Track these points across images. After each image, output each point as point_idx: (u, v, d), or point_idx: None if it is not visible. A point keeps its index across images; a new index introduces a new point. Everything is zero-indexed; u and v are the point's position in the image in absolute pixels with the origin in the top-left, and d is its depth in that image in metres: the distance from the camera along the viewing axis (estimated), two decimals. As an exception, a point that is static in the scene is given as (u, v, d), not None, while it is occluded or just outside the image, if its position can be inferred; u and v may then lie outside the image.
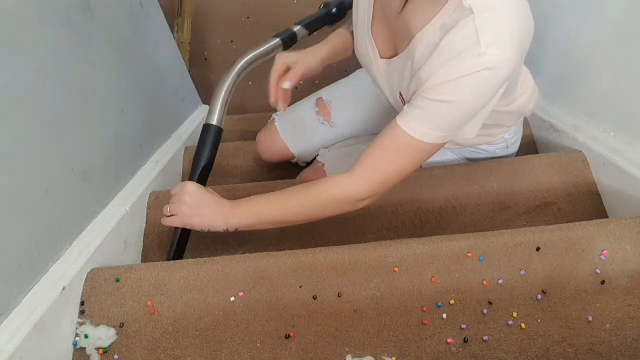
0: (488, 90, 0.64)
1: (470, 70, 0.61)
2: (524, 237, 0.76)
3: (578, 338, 0.69)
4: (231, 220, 0.77)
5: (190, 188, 0.79)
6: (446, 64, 0.63)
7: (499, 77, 0.62)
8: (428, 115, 0.66)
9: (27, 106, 0.68)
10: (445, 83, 0.63)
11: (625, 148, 0.92)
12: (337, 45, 0.95)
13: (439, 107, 0.65)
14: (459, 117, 0.66)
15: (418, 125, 0.67)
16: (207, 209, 0.78)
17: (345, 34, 0.99)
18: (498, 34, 0.61)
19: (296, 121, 1.17)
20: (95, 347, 0.71)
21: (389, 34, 0.78)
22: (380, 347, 0.70)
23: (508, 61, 0.61)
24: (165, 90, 1.27)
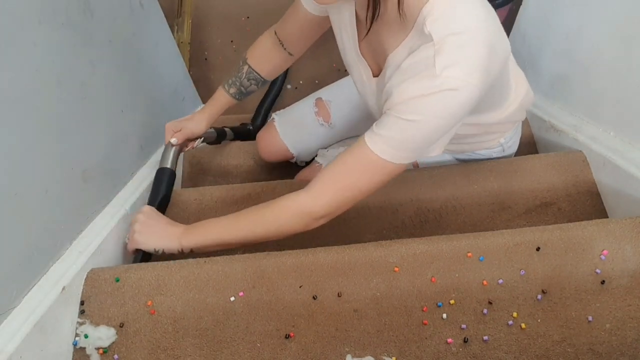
0: (450, 112, 0.62)
1: (428, 91, 0.60)
2: (524, 237, 0.76)
3: (578, 338, 0.69)
4: (184, 240, 0.78)
5: (145, 209, 0.84)
6: (404, 82, 0.63)
7: (460, 100, 0.61)
8: (393, 135, 0.65)
9: (27, 106, 0.68)
10: (406, 101, 0.63)
11: (625, 148, 0.92)
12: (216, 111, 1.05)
13: (403, 126, 0.64)
14: (423, 137, 0.65)
15: (381, 143, 0.66)
16: (160, 228, 0.81)
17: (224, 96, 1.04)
18: (457, 58, 0.60)
19: (296, 121, 1.17)
20: (95, 347, 0.71)
21: (372, 53, 0.78)
22: (380, 347, 0.70)
23: (468, 85, 0.60)
24: (165, 90, 1.27)
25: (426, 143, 0.66)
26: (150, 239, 0.80)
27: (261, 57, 0.98)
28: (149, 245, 0.80)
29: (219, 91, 1.03)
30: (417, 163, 1.07)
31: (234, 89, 1.02)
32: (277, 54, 0.97)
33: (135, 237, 0.80)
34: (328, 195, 0.71)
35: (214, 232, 0.77)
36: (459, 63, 0.60)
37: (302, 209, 0.72)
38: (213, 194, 1.03)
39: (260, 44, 0.98)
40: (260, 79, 1.00)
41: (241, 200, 1.01)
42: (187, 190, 1.07)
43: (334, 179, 0.70)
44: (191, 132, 1.02)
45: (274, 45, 0.96)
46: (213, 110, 1.04)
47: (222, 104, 1.04)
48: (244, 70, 1.00)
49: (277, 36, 0.95)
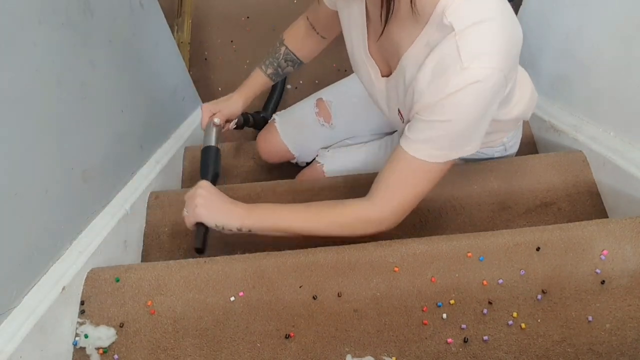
0: (481, 104, 0.63)
1: (458, 87, 0.61)
2: (524, 237, 0.76)
3: (578, 338, 0.69)
4: (247, 221, 0.76)
5: (204, 184, 0.81)
6: (433, 83, 0.63)
7: (489, 89, 0.62)
8: (429, 137, 0.66)
9: (27, 106, 0.68)
10: (437, 103, 0.63)
11: (625, 148, 0.92)
12: (253, 92, 1.05)
13: (437, 128, 0.65)
14: (459, 134, 0.66)
15: (422, 148, 0.67)
16: (223, 205, 0.78)
17: (261, 77, 1.04)
18: (480, 47, 0.60)
19: (296, 122, 1.17)
20: (95, 347, 0.71)
21: (383, 53, 0.78)
22: (380, 347, 0.70)
23: (494, 71, 0.60)
24: (165, 90, 1.27)
25: (467, 137, 0.67)
26: (213, 213, 0.77)
27: (297, 39, 1.01)
28: (212, 219, 0.77)
29: (255, 72, 1.04)
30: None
31: (271, 70, 1.03)
32: (311, 37, 1.00)
33: (198, 210, 0.76)
34: (389, 205, 0.72)
35: (278, 218, 0.76)
36: (484, 52, 0.60)
37: (369, 217, 0.73)
38: (213, 194, 1.03)
39: (295, 28, 1.01)
40: (297, 60, 1.03)
41: (241, 200, 1.00)
42: (188, 190, 1.06)
43: (392, 190, 0.72)
44: (230, 112, 1.02)
45: (307, 30, 0.99)
46: (250, 91, 1.04)
47: (260, 84, 1.04)
48: (281, 51, 1.01)
49: (309, 21, 0.98)
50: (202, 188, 0.80)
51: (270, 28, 1.93)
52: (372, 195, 0.73)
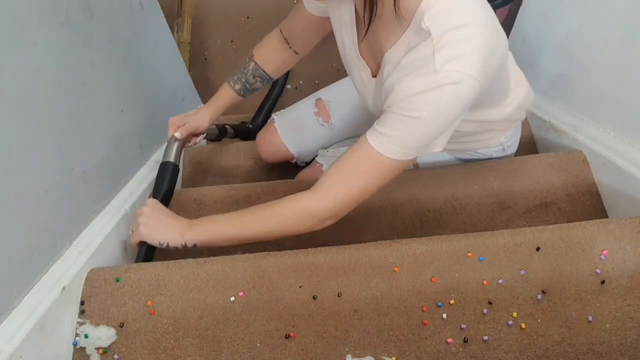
0: (452, 106, 0.63)
1: (430, 86, 0.61)
2: (524, 237, 0.76)
3: (578, 338, 0.69)
4: (187, 235, 0.77)
5: (150, 202, 0.83)
6: (404, 80, 0.64)
7: (461, 93, 0.61)
8: (395, 132, 0.66)
9: (27, 106, 0.68)
10: (407, 98, 0.63)
11: (625, 148, 0.92)
12: (220, 107, 1.04)
13: (405, 123, 0.65)
14: (426, 132, 0.65)
15: (386, 141, 0.66)
16: (164, 222, 0.79)
17: (229, 92, 1.03)
18: (455, 53, 0.60)
19: (296, 122, 1.17)
20: (95, 347, 0.71)
21: (372, 53, 0.78)
22: (380, 347, 0.70)
23: (467, 77, 0.60)
24: (165, 90, 1.27)
25: (429, 138, 0.66)
26: (155, 232, 0.78)
27: (267, 55, 1.00)
28: (154, 238, 0.78)
29: (223, 87, 1.04)
30: (417, 163, 1.07)
31: (239, 85, 1.02)
32: (283, 52, 0.98)
33: (140, 229, 0.78)
34: (333, 197, 0.71)
35: (219, 229, 0.77)
36: (458, 57, 0.60)
37: (308, 210, 0.72)
38: (213, 194, 1.03)
39: (267, 42, 1.00)
40: (265, 76, 1.01)
41: (241, 200, 1.01)
42: (187, 190, 1.07)
43: (339, 180, 0.70)
44: (195, 127, 1.01)
45: (280, 44, 0.98)
46: (217, 105, 1.04)
47: (227, 99, 1.04)
48: (250, 67, 1.01)
49: (282, 34, 0.96)
50: (147, 206, 0.81)
51: (270, 28, 1.93)
52: (316, 185, 0.72)
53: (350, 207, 0.72)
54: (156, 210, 0.81)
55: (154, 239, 0.78)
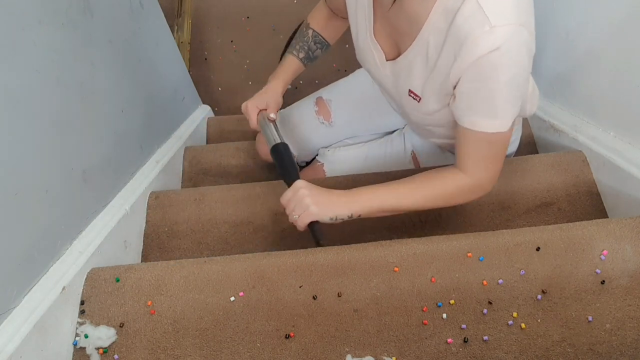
0: (519, 60, 0.64)
1: (489, 48, 0.61)
2: (524, 237, 0.76)
3: (578, 338, 0.69)
4: (354, 207, 0.77)
5: (302, 184, 0.79)
6: (463, 49, 0.63)
7: (522, 44, 0.62)
8: (479, 106, 0.67)
9: (27, 106, 0.68)
10: (472, 68, 0.63)
11: (625, 148, 0.92)
12: (289, 77, 1.03)
13: (483, 94, 0.66)
14: (507, 94, 0.66)
15: (478, 120, 0.69)
16: (330, 199, 0.78)
17: (295, 61, 1.03)
18: (503, 3, 0.60)
19: (296, 120, 1.17)
20: (96, 347, 0.71)
21: (391, 33, 0.78)
22: (380, 347, 0.70)
23: (522, 26, 0.61)
24: (165, 90, 1.27)
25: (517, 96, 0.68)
26: (325, 208, 0.77)
27: (322, 22, 1.02)
28: (327, 214, 0.77)
29: (289, 58, 1.03)
30: (418, 163, 1.07)
31: (302, 54, 1.03)
32: (334, 19, 1.02)
33: (312, 209, 0.76)
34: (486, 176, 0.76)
35: (382, 200, 0.77)
36: (507, 9, 0.60)
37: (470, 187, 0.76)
38: (213, 194, 1.03)
39: (317, 12, 1.03)
40: (325, 42, 1.03)
41: (241, 200, 1.01)
42: (187, 190, 1.07)
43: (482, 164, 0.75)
44: (277, 103, 1.00)
45: (329, 13, 1.01)
46: (286, 76, 1.03)
47: (294, 69, 1.04)
48: (309, 34, 1.02)
49: (327, 6, 1.00)
50: (304, 188, 0.78)
51: (270, 28, 1.93)
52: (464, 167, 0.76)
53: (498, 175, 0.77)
54: (314, 188, 0.79)
55: (327, 215, 0.77)
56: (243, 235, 0.97)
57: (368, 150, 1.12)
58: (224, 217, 0.99)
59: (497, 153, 0.74)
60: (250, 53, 1.91)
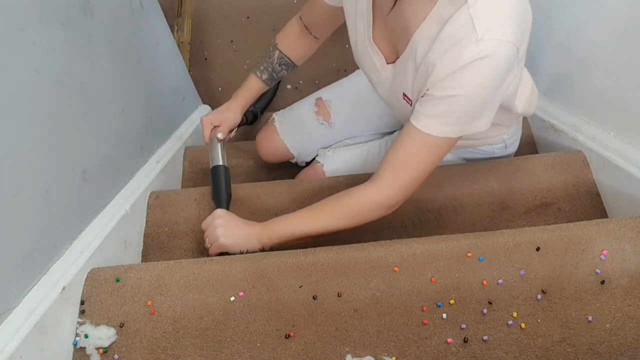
0: (494, 78, 0.63)
1: (471, 59, 0.61)
2: (524, 237, 0.76)
3: (578, 338, 0.69)
4: (264, 239, 0.80)
5: (219, 213, 0.83)
6: (446, 55, 0.63)
7: (503, 63, 0.62)
8: (440, 111, 0.67)
9: (27, 106, 0.68)
10: (450, 75, 0.63)
11: (625, 148, 0.92)
12: (250, 98, 1.05)
13: (449, 101, 0.65)
14: (471, 108, 0.66)
15: (433, 123, 0.68)
16: (239, 230, 0.81)
17: (257, 82, 1.04)
18: (494, 19, 0.61)
19: (295, 121, 1.17)
20: (96, 347, 0.71)
21: (390, 37, 0.78)
22: (380, 347, 0.70)
23: (508, 44, 0.61)
24: (165, 90, 1.27)
25: (479, 112, 0.67)
26: (234, 242, 0.80)
27: (290, 42, 1.02)
28: (236, 248, 0.80)
29: (251, 78, 1.04)
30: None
31: (266, 75, 1.03)
32: (304, 39, 1.01)
33: (222, 241, 0.80)
34: (397, 185, 0.73)
35: (294, 229, 0.79)
36: (497, 24, 0.60)
37: (376, 202, 0.75)
38: (213, 194, 1.03)
39: (288, 30, 1.02)
40: (290, 63, 1.03)
41: (241, 200, 1.01)
42: (187, 190, 1.07)
43: (398, 170, 0.73)
44: (232, 124, 1.03)
45: (301, 31, 1.00)
46: (248, 97, 1.05)
47: (255, 90, 1.05)
48: (274, 55, 1.02)
49: (302, 22, 0.99)
50: (220, 218, 0.82)
51: (270, 28, 1.93)
52: (377, 177, 0.75)
53: (413, 191, 0.75)
54: (230, 220, 0.82)
55: (235, 249, 0.80)
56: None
57: (368, 150, 1.12)
58: (224, 217, 0.98)
59: (423, 162, 0.72)
60: (250, 53, 1.91)
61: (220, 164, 0.96)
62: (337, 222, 0.77)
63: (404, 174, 0.73)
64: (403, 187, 0.73)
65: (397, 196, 0.74)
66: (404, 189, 0.74)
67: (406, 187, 0.73)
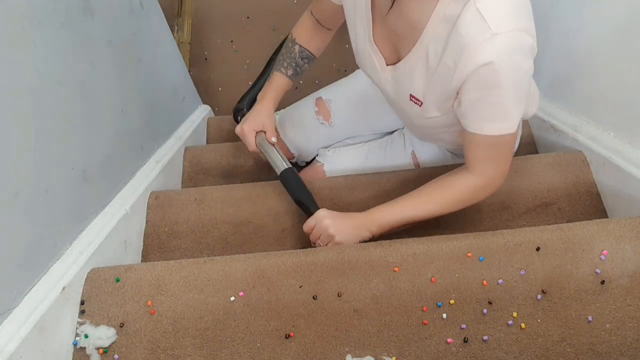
0: (523, 64, 0.64)
1: (491, 54, 0.61)
2: (524, 237, 0.76)
3: (578, 338, 0.69)
4: (373, 228, 0.81)
5: (323, 214, 0.83)
6: (464, 56, 0.63)
7: (527, 49, 0.63)
8: (487, 113, 0.69)
9: (27, 106, 0.68)
10: (473, 75, 0.64)
11: (625, 148, 0.92)
12: (279, 97, 1.03)
13: (490, 102, 0.67)
14: (513, 98, 0.67)
15: (484, 125, 0.70)
16: (350, 225, 0.82)
17: (283, 79, 1.02)
18: (503, 10, 0.61)
19: (296, 121, 1.17)
20: (96, 347, 0.71)
21: (391, 38, 0.77)
22: (380, 347, 0.70)
23: (523, 30, 0.61)
24: (165, 90, 1.27)
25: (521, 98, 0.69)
26: (349, 236, 0.81)
27: (307, 36, 1.02)
28: (351, 241, 0.81)
29: (276, 76, 1.03)
30: (417, 163, 1.07)
31: (291, 71, 1.03)
32: (319, 31, 1.02)
33: (338, 240, 0.80)
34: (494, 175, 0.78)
35: (401, 215, 0.81)
36: (508, 14, 0.61)
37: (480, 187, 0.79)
38: (213, 194, 1.03)
39: (302, 24, 1.02)
40: (311, 56, 1.04)
41: (241, 200, 1.01)
42: (187, 190, 1.07)
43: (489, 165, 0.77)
44: (273, 124, 1.01)
45: (313, 24, 1.01)
46: (277, 96, 1.03)
47: (283, 87, 1.04)
48: (296, 50, 1.02)
49: (313, 16, 0.99)
50: (327, 218, 0.82)
51: (270, 28, 1.93)
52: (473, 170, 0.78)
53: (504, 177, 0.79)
54: (336, 217, 0.83)
55: (351, 242, 0.81)
56: (243, 235, 0.97)
57: (368, 150, 1.12)
58: (224, 217, 0.98)
59: (506, 152, 0.76)
60: (250, 53, 1.91)
61: (287, 166, 0.93)
62: (441, 207, 0.81)
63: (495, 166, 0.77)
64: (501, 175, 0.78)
65: (498, 181, 0.79)
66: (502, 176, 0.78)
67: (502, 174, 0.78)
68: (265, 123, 0.97)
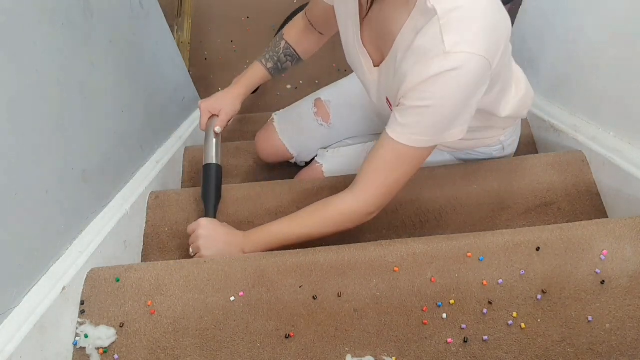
0: (464, 90, 0.63)
1: (438, 71, 0.61)
2: (524, 237, 0.76)
3: (578, 338, 0.69)
4: (247, 248, 0.82)
5: (203, 223, 0.84)
6: (415, 67, 0.64)
7: (471, 76, 0.62)
8: (410, 121, 0.67)
9: (27, 106, 0.68)
10: (418, 86, 0.63)
11: (625, 148, 0.92)
12: (252, 86, 1.02)
13: (419, 112, 0.65)
14: (440, 119, 0.66)
15: (405, 132, 0.68)
16: (223, 241, 0.82)
17: (261, 70, 1.02)
18: (464, 32, 0.60)
19: (295, 121, 1.17)
20: (96, 347, 0.71)
21: (376, 40, 0.78)
22: (380, 347, 0.70)
23: (478, 58, 0.60)
24: (165, 90, 1.27)
25: (450, 122, 0.67)
26: (217, 252, 0.81)
27: (297, 36, 1.02)
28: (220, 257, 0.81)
29: (255, 66, 1.02)
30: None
31: (271, 64, 1.03)
32: (310, 34, 1.01)
33: (203, 253, 0.81)
34: (371, 195, 0.74)
35: (272, 235, 0.80)
36: (466, 37, 0.60)
37: (352, 210, 0.76)
38: (213, 194, 1.03)
39: (294, 24, 1.02)
40: (296, 56, 1.03)
41: (241, 200, 1.01)
42: (187, 190, 1.07)
43: (373, 179, 0.74)
44: (232, 113, 0.98)
45: (306, 26, 1.01)
46: (249, 85, 1.02)
47: (258, 78, 1.03)
48: (281, 45, 1.02)
49: (307, 18, 0.99)
50: (203, 228, 0.83)
51: (270, 28, 1.93)
52: (355, 185, 0.76)
53: (389, 199, 0.76)
54: (214, 230, 0.83)
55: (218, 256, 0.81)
56: (243, 235, 0.97)
57: (367, 150, 1.12)
58: (224, 217, 0.99)
59: (404, 170, 0.72)
60: (250, 53, 1.91)
61: (214, 162, 0.93)
62: (318, 229, 0.78)
63: (380, 182, 0.73)
64: (379, 195, 0.74)
65: (375, 204, 0.75)
66: (381, 197, 0.74)
67: (382, 195, 0.74)
68: (223, 109, 0.97)
